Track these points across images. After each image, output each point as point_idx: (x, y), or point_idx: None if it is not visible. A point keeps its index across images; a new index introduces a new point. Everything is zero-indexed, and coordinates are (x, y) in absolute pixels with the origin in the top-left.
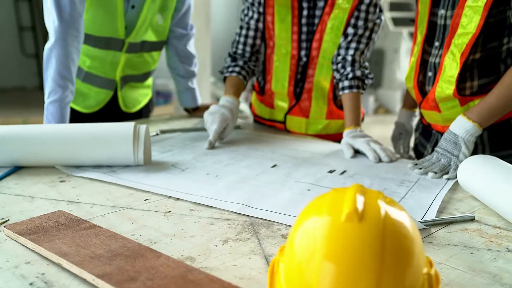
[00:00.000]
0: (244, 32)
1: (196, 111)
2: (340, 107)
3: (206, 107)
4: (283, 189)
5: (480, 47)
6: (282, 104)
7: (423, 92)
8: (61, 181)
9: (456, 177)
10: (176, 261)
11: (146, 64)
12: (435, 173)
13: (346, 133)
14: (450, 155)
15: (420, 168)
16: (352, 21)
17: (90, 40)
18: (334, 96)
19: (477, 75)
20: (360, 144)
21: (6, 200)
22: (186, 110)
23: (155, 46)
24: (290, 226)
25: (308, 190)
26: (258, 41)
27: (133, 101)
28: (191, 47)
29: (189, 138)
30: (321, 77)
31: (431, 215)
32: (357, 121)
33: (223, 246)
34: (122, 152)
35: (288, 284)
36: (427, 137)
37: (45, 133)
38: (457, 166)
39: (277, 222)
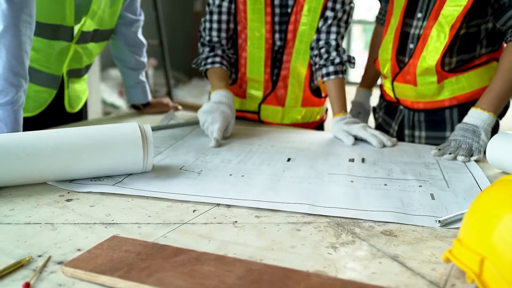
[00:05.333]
0: (216, 17)
1: (147, 107)
2: (315, 94)
3: (159, 103)
4: (326, 183)
5: (466, 23)
6: (256, 93)
7: (399, 65)
8: (67, 200)
9: (480, 159)
10: (332, 278)
11: (91, 56)
12: (465, 156)
13: (337, 120)
14: (470, 140)
15: (450, 153)
16: (330, 4)
17: (35, 28)
18: (309, 82)
19: (456, 51)
20: (357, 131)
21: (20, 231)
22: (134, 107)
23: (105, 35)
24: (378, 221)
25: (352, 181)
26: (232, 26)
27: (77, 100)
28: (141, 35)
29: (167, 137)
30: (298, 63)
31: None
32: (345, 107)
33: (337, 253)
34: (130, 158)
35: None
36: (392, 115)
37: (33, 143)
38: (479, 151)
39: (363, 219)
